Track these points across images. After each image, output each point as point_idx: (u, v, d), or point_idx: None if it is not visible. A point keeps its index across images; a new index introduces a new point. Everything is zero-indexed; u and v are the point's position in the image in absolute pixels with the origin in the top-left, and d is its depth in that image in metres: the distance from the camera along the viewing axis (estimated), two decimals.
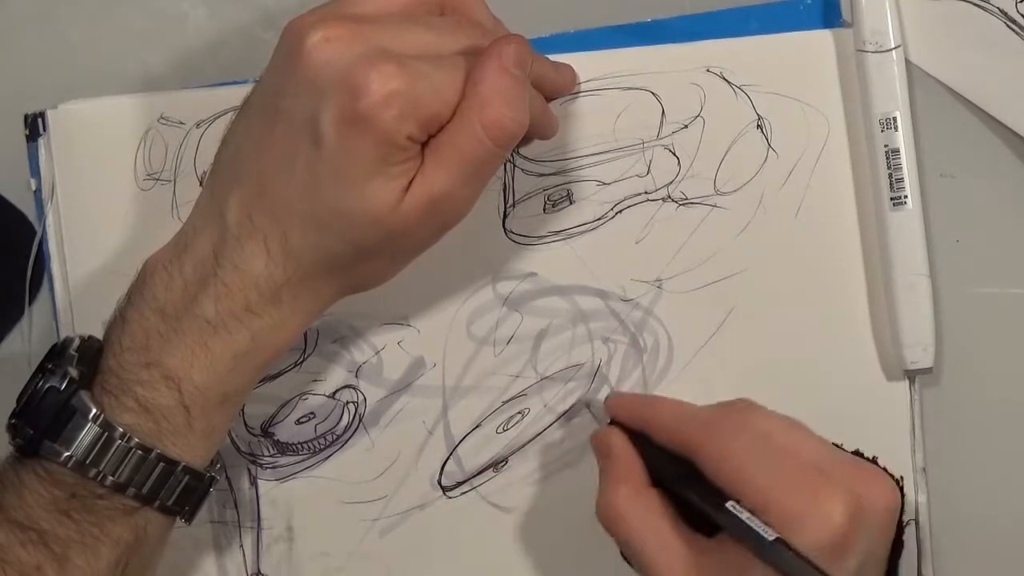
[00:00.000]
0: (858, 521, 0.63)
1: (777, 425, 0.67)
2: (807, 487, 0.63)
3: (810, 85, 0.74)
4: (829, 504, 0.62)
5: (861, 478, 0.65)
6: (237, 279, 0.65)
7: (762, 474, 0.64)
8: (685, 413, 0.69)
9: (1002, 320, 0.75)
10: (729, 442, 0.65)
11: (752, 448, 0.65)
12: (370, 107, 0.62)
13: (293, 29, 0.64)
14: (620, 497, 0.68)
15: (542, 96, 0.71)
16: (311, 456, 0.76)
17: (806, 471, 0.64)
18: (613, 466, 0.69)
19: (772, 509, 0.62)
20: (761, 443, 0.65)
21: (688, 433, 0.67)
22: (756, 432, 0.66)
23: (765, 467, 0.64)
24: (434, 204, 0.64)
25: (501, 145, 0.64)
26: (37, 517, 0.65)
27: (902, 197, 0.72)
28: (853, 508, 0.63)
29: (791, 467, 0.64)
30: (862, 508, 0.63)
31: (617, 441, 0.70)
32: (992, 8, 0.73)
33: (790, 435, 0.67)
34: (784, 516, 0.62)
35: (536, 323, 0.76)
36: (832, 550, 0.62)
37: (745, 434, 0.66)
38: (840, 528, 0.62)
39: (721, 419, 0.67)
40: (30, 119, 0.77)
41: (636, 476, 0.69)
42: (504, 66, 0.64)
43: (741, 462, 0.64)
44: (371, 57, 0.62)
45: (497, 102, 0.63)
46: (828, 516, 0.62)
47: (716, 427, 0.67)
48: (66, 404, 0.65)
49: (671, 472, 0.68)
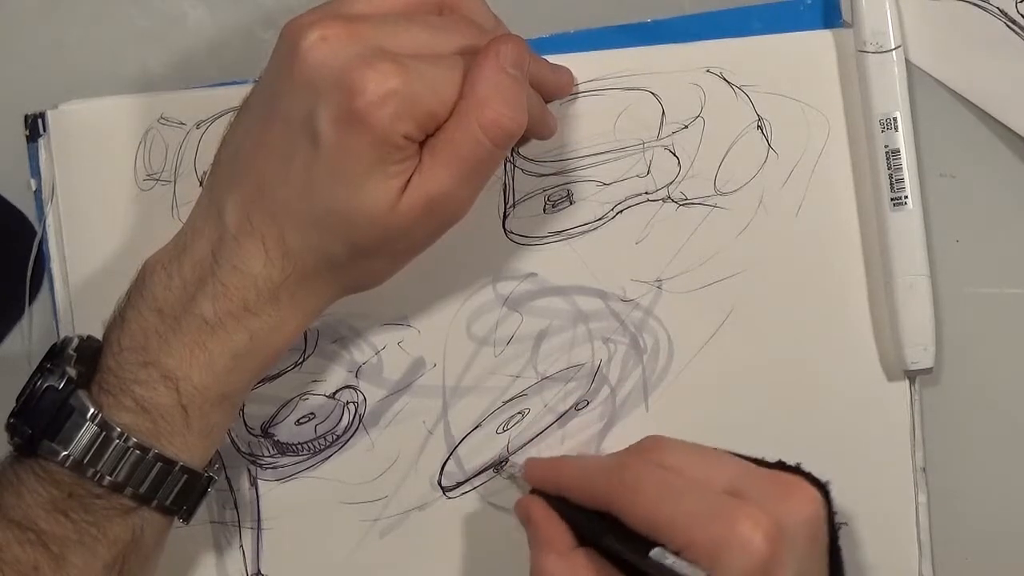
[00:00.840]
0: (780, 539, 0.62)
1: (686, 456, 0.67)
2: (724, 516, 0.63)
3: (810, 85, 0.74)
4: (746, 528, 0.62)
5: (778, 494, 0.65)
6: (235, 279, 0.65)
7: (678, 512, 0.64)
8: (594, 469, 0.69)
9: (1002, 320, 0.75)
10: (639, 486, 0.65)
11: (663, 487, 0.65)
12: (367, 106, 0.62)
13: (290, 29, 0.64)
14: (548, 564, 0.68)
15: (540, 97, 0.71)
16: (311, 456, 0.76)
17: (721, 498, 0.64)
18: (537, 534, 0.70)
19: (694, 544, 0.62)
20: (671, 479, 0.65)
21: (598, 487, 0.67)
22: (665, 469, 0.66)
23: (678, 504, 0.64)
24: (432, 204, 0.64)
25: (499, 144, 0.64)
26: (35, 516, 0.65)
27: (902, 197, 0.72)
28: (771, 528, 0.62)
29: (704, 497, 0.64)
30: (781, 525, 0.63)
31: (536, 508, 0.71)
32: (992, 8, 0.73)
33: (701, 464, 0.67)
34: (706, 549, 0.62)
35: (536, 323, 0.76)
36: (759, 573, 0.62)
37: (654, 474, 0.66)
38: (761, 550, 0.62)
39: (628, 464, 0.67)
40: (30, 119, 0.77)
41: (561, 540, 0.69)
42: (501, 66, 0.64)
43: (654, 505, 0.64)
44: (368, 56, 0.62)
45: (495, 101, 0.63)
46: (748, 540, 0.62)
47: (625, 474, 0.66)
48: (64, 403, 0.65)
49: (593, 529, 0.68)
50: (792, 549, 0.63)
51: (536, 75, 0.71)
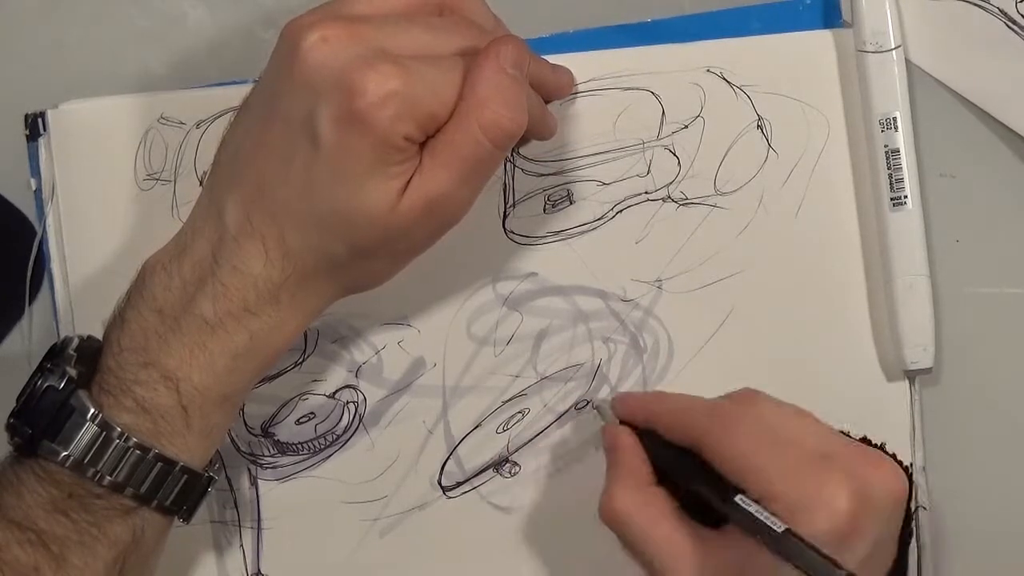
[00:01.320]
0: (865, 507, 0.63)
1: (782, 414, 0.67)
2: (813, 475, 0.63)
3: (810, 85, 0.74)
4: (835, 491, 0.62)
5: (867, 464, 0.65)
6: (235, 280, 0.65)
7: (768, 463, 0.64)
8: (690, 406, 0.69)
9: (1002, 320, 0.75)
10: (734, 432, 0.65)
11: (757, 438, 0.65)
12: (367, 108, 0.62)
13: (291, 30, 0.64)
14: (622, 495, 0.68)
15: (540, 98, 0.71)
16: (311, 456, 0.76)
17: (812, 459, 0.64)
18: (618, 464, 0.69)
19: (779, 499, 0.62)
20: (766, 432, 0.65)
21: (693, 425, 0.67)
22: (761, 421, 0.66)
23: (770, 456, 0.64)
24: (432, 204, 0.64)
25: (499, 145, 0.64)
26: (35, 517, 0.65)
27: (902, 197, 0.72)
28: (859, 494, 0.63)
29: (796, 455, 0.64)
30: (868, 494, 0.63)
31: (623, 439, 0.70)
32: (992, 8, 0.73)
33: (795, 423, 0.67)
34: (791, 505, 0.62)
35: (536, 323, 0.76)
36: (840, 537, 0.62)
37: (750, 424, 0.66)
38: (846, 515, 0.62)
39: (726, 410, 0.67)
40: (30, 119, 0.77)
41: (640, 474, 0.69)
42: (501, 66, 0.64)
43: (746, 452, 0.64)
44: (368, 58, 0.62)
45: (495, 102, 0.63)
46: (834, 503, 0.62)
47: (721, 418, 0.67)
48: (64, 403, 0.65)
49: (678, 466, 0.67)
50: (874, 520, 0.63)
51: (537, 76, 0.71)
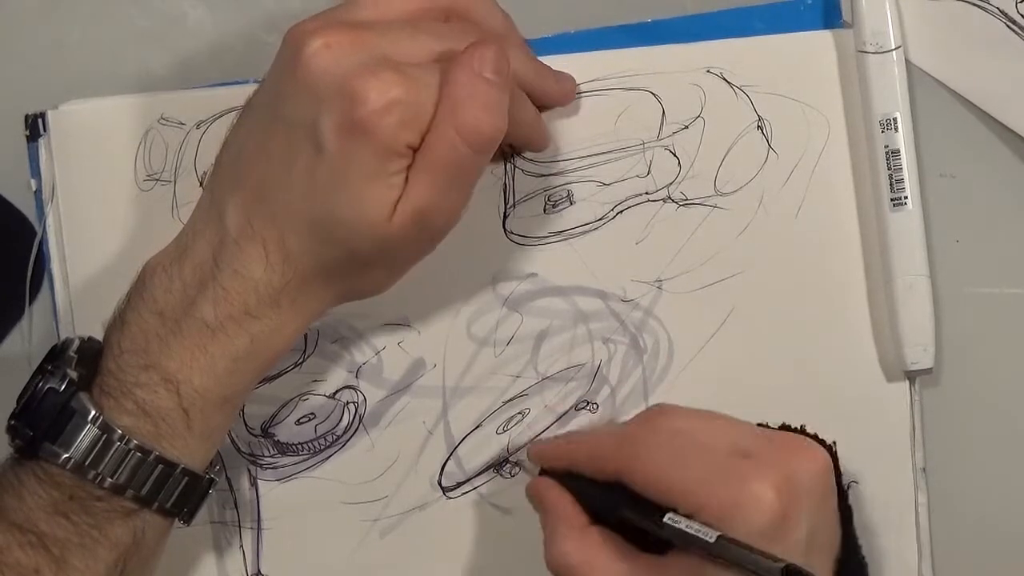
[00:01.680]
0: (791, 494, 0.63)
1: (692, 421, 0.67)
2: (734, 476, 0.63)
3: (810, 86, 0.74)
4: (758, 486, 0.62)
5: (785, 451, 0.65)
6: (236, 283, 0.65)
7: (688, 476, 0.64)
8: (602, 441, 0.69)
9: (1002, 320, 0.75)
10: (648, 453, 0.65)
11: (671, 452, 0.65)
12: (370, 115, 0.62)
13: (294, 35, 0.64)
14: (563, 543, 0.67)
15: (535, 106, 0.71)
16: (311, 456, 0.76)
17: (730, 460, 0.64)
18: (549, 514, 0.69)
19: (707, 507, 0.62)
20: (679, 444, 0.65)
21: (608, 457, 0.67)
22: (672, 435, 0.66)
23: (688, 467, 0.64)
24: (421, 216, 0.64)
25: (478, 149, 0.64)
26: (36, 519, 0.65)
27: (902, 198, 0.72)
28: (782, 483, 0.63)
29: (714, 460, 0.64)
30: (792, 481, 0.63)
31: (547, 488, 0.70)
32: (992, 8, 0.73)
33: (707, 428, 0.67)
34: (720, 511, 0.62)
35: (536, 324, 0.76)
36: (774, 529, 0.62)
37: (661, 440, 0.66)
38: (775, 506, 0.62)
39: (636, 433, 0.67)
40: (30, 119, 0.77)
41: (574, 518, 0.68)
42: (477, 71, 0.63)
43: (664, 470, 0.64)
44: (371, 65, 0.62)
45: (470, 106, 0.63)
46: (760, 498, 0.62)
47: (633, 442, 0.67)
48: (65, 406, 0.65)
49: (607, 502, 0.67)
50: (804, 505, 0.63)
51: (539, 82, 0.71)
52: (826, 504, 0.66)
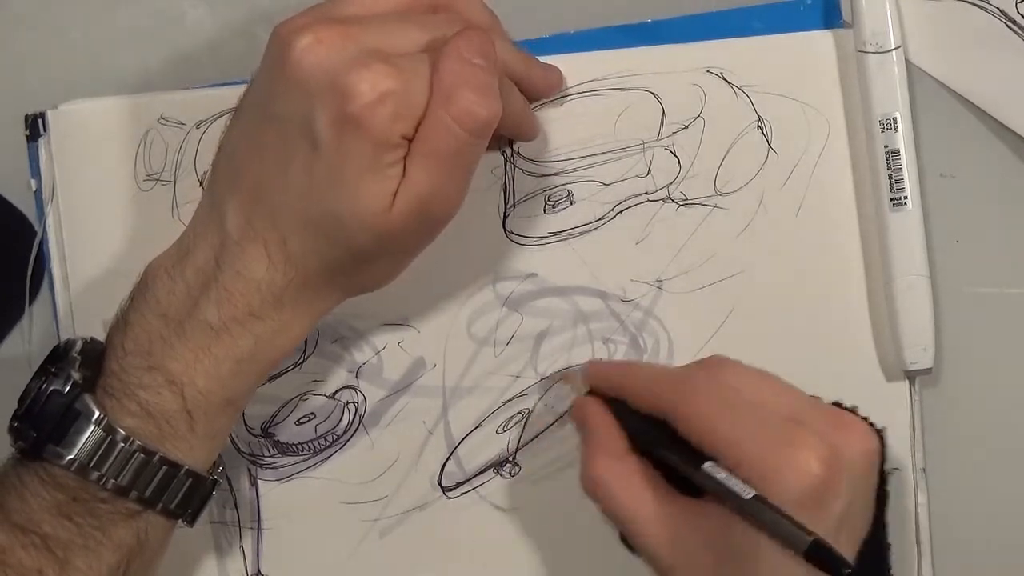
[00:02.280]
0: (836, 468, 0.62)
1: (749, 378, 0.66)
2: (782, 439, 0.63)
3: (810, 86, 0.74)
4: (804, 454, 0.62)
5: (837, 426, 0.64)
6: (239, 284, 0.65)
7: (736, 430, 0.63)
8: (658, 375, 0.68)
9: (1002, 320, 0.75)
10: (701, 400, 0.65)
11: (724, 404, 0.64)
12: (363, 108, 0.62)
13: (282, 33, 0.64)
14: (600, 466, 0.67)
15: (523, 97, 0.71)
16: (311, 456, 0.76)
17: (780, 423, 0.64)
18: (591, 435, 0.69)
19: (748, 464, 0.62)
20: (733, 398, 0.65)
21: (661, 395, 0.66)
22: (728, 388, 0.65)
23: (738, 422, 0.64)
24: (421, 204, 0.64)
25: (475, 133, 0.64)
26: (39, 520, 0.65)
27: (902, 198, 0.72)
28: (829, 456, 0.62)
29: (765, 420, 0.64)
30: (838, 455, 0.62)
31: (594, 410, 0.69)
32: (992, 8, 0.73)
33: (763, 388, 0.66)
34: (761, 470, 0.62)
35: (536, 324, 0.76)
36: (812, 500, 0.61)
37: (716, 391, 0.65)
38: (817, 477, 0.62)
39: (692, 378, 0.66)
40: (30, 119, 0.77)
41: (615, 444, 0.68)
42: (465, 57, 0.63)
43: (714, 420, 0.64)
44: (362, 58, 0.62)
45: (462, 91, 0.63)
46: (804, 466, 0.62)
47: (688, 386, 0.66)
48: (69, 407, 0.65)
49: (650, 436, 0.67)
50: (847, 481, 0.63)
51: (525, 72, 0.71)
52: (866, 485, 0.65)
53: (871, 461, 0.65)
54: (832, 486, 0.62)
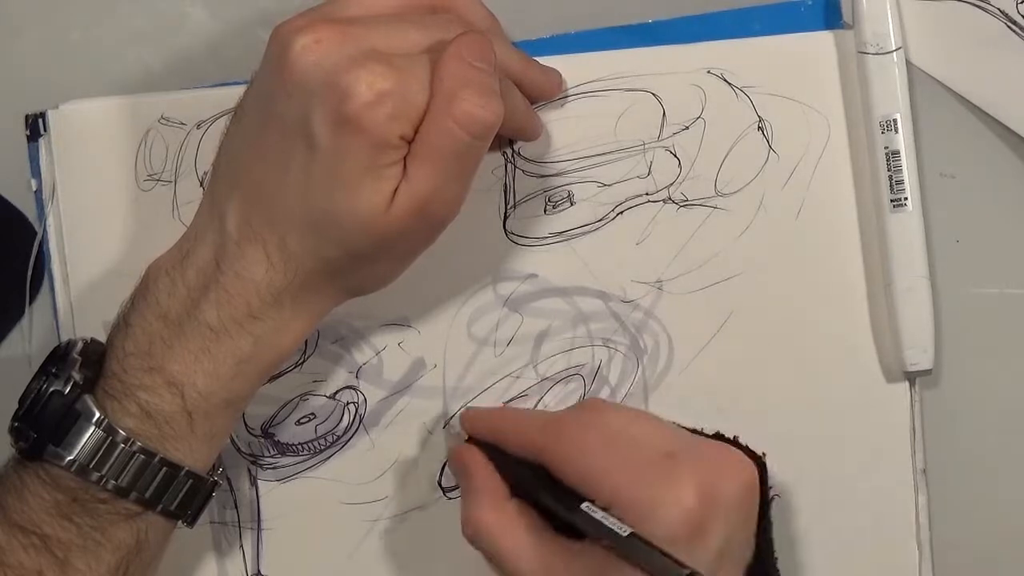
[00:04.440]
0: (711, 501, 0.63)
1: (624, 419, 0.68)
2: (656, 476, 0.63)
3: (811, 87, 0.74)
4: (679, 488, 0.63)
5: (713, 459, 0.65)
6: (239, 285, 0.65)
7: (611, 469, 0.64)
8: (531, 420, 0.70)
9: (1002, 320, 0.75)
10: (576, 442, 0.66)
11: (599, 445, 0.65)
12: (360, 108, 0.62)
13: (281, 34, 0.64)
14: (479, 513, 0.68)
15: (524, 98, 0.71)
16: (311, 457, 0.76)
17: (656, 460, 0.64)
18: (471, 483, 0.70)
19: (624, 503, 0.63)
20: (609, 439, 0.66)
21: (536, 438, 0.67)
22: (603, 429, 0.66)
23: (613, 462, 0.64)
24: (422, 205, 0.64)
25: (477, 135, 0.64)
26: (39, 521, 0.65)
27: (902, 199, 0.72)
28: (704, 489, 0.63)
29: (640, 458, 0.65)
30: (715, 489, 0.63)
31: (472, 457, 0.71)
32: (992, 8, 0.73)
33: (638, 427, 0.67)
34: (636, 508, 0.62)
35: (537, 324, 0.76)
36: (688, 535, 0.62)
37: (592, 432, 0.66)
38: (692, 511, 0.62)
39: (567, 421, 0.68)
40: (31, 119, 0.77)
41: (494, 490, 0.69)
42: (466, 60, 0.63)
43: (589, 460, 0.65)
44: (360, 58, 0.62)
45: (464, 94, 0.63)
46: (679, 500, 0.62)
47: (562, 429, 0.67)
48: (70, 408, 0.65)
49: (527, 480, 0.68)
50: (722, 515, 0.64)
51: (526, 75, 0.71)
52: (745, 517, 0.66)
53: (748, 495, 0.66)
54: (709, 521, 0.63)
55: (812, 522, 0.74)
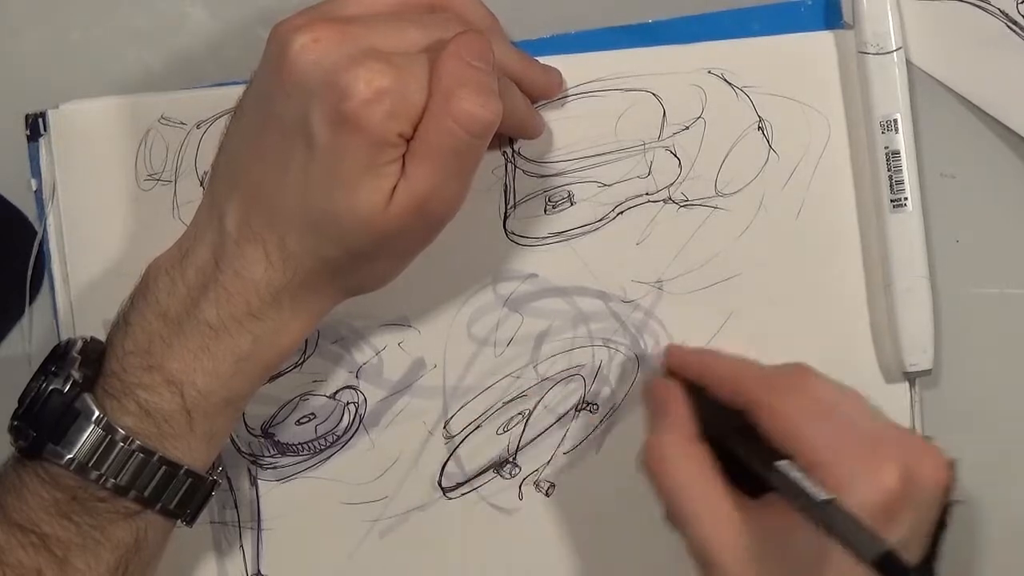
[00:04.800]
0: (909, 490, 0.63)
1: (836, 392, 0.67)
2: (862, 451, 0.63)
3: (811, 87, 0.74)
4: (883, 468, 0.63)
5: (917, 450, 0.65)
6: (238, 284, 0.65)
7: (818, 435, 0.64)
8: (745, 368, 0.69)
9: (1002, 320, 0.75)
10: (788, 400, 0.65)
11: (810, 409, 0.65)
12: (359, 106, 0.62)
13: (280, 32, 0.64)
14: (668, 445, 0.67)
15: (525, 97, 0.71)
16: (311, 457, 0.76)
17: (862, 437, 0.64)
18: (666, 414, 0.69)
19: (825, 470, 0.62)
20: (819, 406, 0.66)
21: (747, 387, 0.67)
22: (815, 395, 0.66)
23: (822, 429, 0.64)
24: (421, 203, 0.64)
25: (476, 134, 0.63)
26: (38, 519, 0.65)
27: (902, 199, 0.72)
28: (907, 477, 0.63)
29: (847, 432, 0.65)
30: (916, 478, 0.63)
31: (673, 391, 0.70)
32: (992, 8, 0.73)
33: (848, 403, 0.67)
34: (837, 477, 0.62)
35: (537, 324, 0.76)
36: (883, 514, 0.62)
37: (804, 395, 0.66)
38: (892, 492, 0.62)
39: (781, 378, 0.67)
40: (31, 119, 0.76)
41: (687, 426, 0.68)
42: (464, 59, 0.63)
43: (798, 421, 0.65)
44: (359, 56, 0.62)
45: (463, 92, 0.63)
46: (881, 479, 0.62)
47: (776, 385, 0.67)
48: (69, 407, 0.65)
49: (724, 426, 0.67)
50: (916, 505, 0.63)
51: (526, 74, 0.71)
52: (932, 513, 0.66)
53: (943, 490, 0.66)
54: (903, 505, 0.63)
55: None
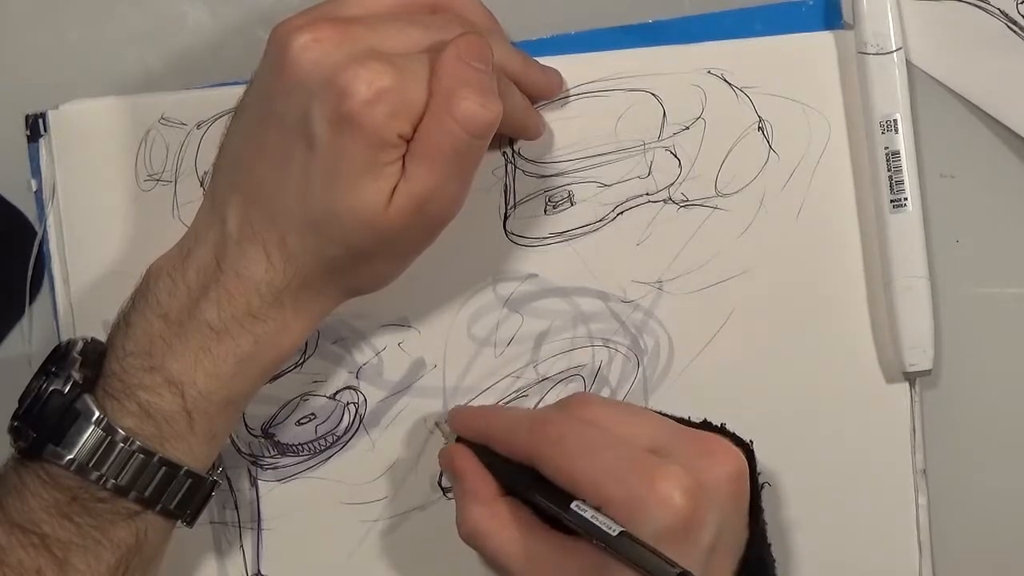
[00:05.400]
0: (701, 496, 0.63)
1: (610, 413, 0.67)
2: (645, 473, 0.63)
3: (811, 87, 0.74)
4: (666, 486, 0.62)
5: (699, 451, 0.65)
6: (239, 285, 0.65)
7: (597, 471, 0.64)
8: (518, 420, 0.69)
9: (1002, 320, 0.75)
10: (559, 446, 0.65)
11: (585, 443, 0.65)
12: (359, 106, 0.62)
13: (281, 33, 0.64)
14: (473, 515, 0.68)
15: (525, 97, 0.71)
16: (311, 457, 0.76)
17: (642, 456, 0.64)
18: (462, 483, 0.69)
19: (613, 501, 0.62)
20: (593, 436, 0.65)
21: (521, 442, 0.67)
22: (588, 425, 0.66)
23: (598, 463, 0.64)
24: (421, 203, 0.64)
25: (476, 134, 0.64)
26: (38, 520, 0.65)
27: (902, 199, 0.72)
28: (692, 484, 0.62)
29: (627, 454, 0.64)
30: (703, 482, 0.63)
31: (461, 457, 0.70)
32: (992, 9, 0.73)
33: (624, 421, 0.67)
34: (625, 506, 0.62)
35: (537, 324, 0.76)
36: (678, 531, 0.62)
37: (576, 430, 0.66)
38: (681, 508, 0.62)
39: (550, 420, 0.67)
40: (31, 119, 0.76)
41: (485, 490, 0.69)
42: (464, 60, 0.63)
43: (575, 460, 0.64)
44: (359, 56, 0.62)
45: (463, 93, 0.63)
46: (667, 498, 0.62)
47: (546, 427, 0.66)
48: (69, 407, 0.65)
49: (518, 480, 0.68)
50: (713, 507, 0.63)
51: (526, 75, 0.71)
52: (736, 507, 0.66)
53: (737, 484, 0.66)
54: (698, 515, 0.62)
55: (812, 523, 0.74)
